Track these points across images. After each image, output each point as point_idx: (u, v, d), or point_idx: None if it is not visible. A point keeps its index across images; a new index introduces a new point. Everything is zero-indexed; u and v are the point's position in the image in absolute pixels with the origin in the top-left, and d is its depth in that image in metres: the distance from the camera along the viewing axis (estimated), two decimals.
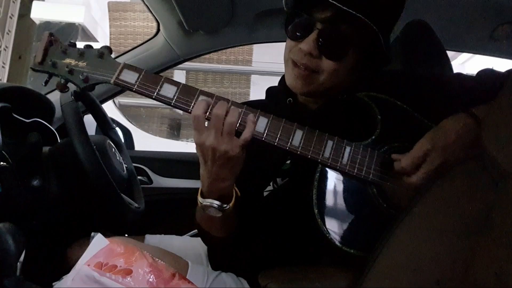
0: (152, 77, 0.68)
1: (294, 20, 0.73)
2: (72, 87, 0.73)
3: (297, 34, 0.72)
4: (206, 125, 0.65)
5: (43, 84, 0.74)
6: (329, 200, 0.67)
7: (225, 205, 0.68)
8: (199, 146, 0.65)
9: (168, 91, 0.67)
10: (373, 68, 0.77)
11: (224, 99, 0.68)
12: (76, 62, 0.70)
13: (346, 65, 0.72)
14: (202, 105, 0.64)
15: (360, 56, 0.73)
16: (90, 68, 0.69)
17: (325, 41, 0.69)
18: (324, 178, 0.68)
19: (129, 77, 0.68)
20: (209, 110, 0.65)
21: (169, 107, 0.69)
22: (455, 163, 0.63)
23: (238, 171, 0.67)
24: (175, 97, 0.67)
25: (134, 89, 0.68)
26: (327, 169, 0.68)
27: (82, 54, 0.70)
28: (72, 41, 0.74)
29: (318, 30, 0.69)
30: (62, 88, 0.71)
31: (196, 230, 1.22)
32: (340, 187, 0.69)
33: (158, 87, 0.67)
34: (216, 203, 0.68)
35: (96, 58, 0.70)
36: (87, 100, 1.01)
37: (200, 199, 0.69)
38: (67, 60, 0.70)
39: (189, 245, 0.97)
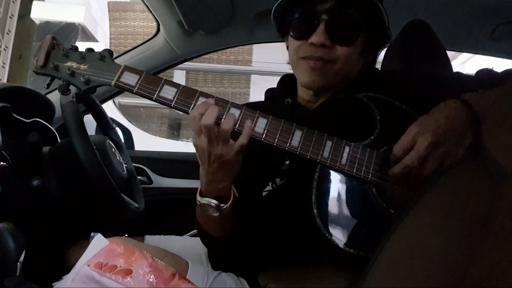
0: (152, 79, 0.69)
1: (296, 19, 0.73)
2: (73, 89, 0.74)
3: (304, 31, 0.72)
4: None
5: (45, 87, 0.76)
6: (329, 200, 0.67)
7: (222, 205, 0.69)
8: (196, 147, 0.66)
9: (168, 92, 0.68)
10: (378, 48, 0.79)
11: (224, 100, 0.68)
12: (78, 65, 0.71)
13: (357, 49, 0.74)
14: (200, 107, 0.65)
15: (368, 37, 0.74)
16: (91, 70, 0.70)
17: (335, 29, 0.70)
18: (323, 178, 0.68)
19: (130, 79, 0.69)
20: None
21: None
22: (447, 145, 0.63)
23: (236, 173, 0.68)
24: (175, 99, 0.68)
25: (134, 91, 0.69)
26: (326, 169, 0.68)
27: (83, 57, 0.72)
28: (72, 40, 0.75)
29: (325, 21, 0.70)
30: (64, 91, 0.73)
31: (196, 230, 1.22)
32: (340, 187, 0.69)
33: (158, 89, 0.68)
34: (213, 202, 0.69)
35: (97, 61, 0.71)
36: (87, 100, 1.01)
37: (198, 197, 0.70)
38: (69, 63, 0.71)
39: (189, 245, 0.97)
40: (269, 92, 0.90)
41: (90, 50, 0.72)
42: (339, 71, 0.74)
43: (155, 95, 0.68)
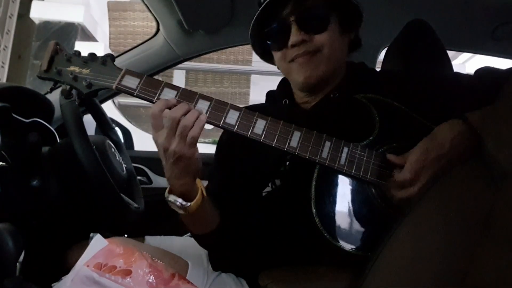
0: (152, 82, 0.70)
1: (270, 34, 0.79)
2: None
3: (281, 40, 0.77)
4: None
5: (49, 91, 0.77)
6: (327, 200, 0.67)
7: (184, 203, 0.69)
8: (155, 143, 0.67)
9: (168, 95, 0.69)
10: (355, 24, 0.81)
11: (223, 102, 0.69)
12: (80, 69, 0.72)
13: (334, 30, 0.77)
14: (160, 103, 0.66)
15: (340, 16, 0.77)
16: (93, 74, 0.72)
17: (306, 22, 0.75)
18: (322, 178, 0.68)
19: (131, 82, 0.70)
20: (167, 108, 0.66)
21: None
22: (449, 169, 0.62)
23: (195, 171, 0.68)
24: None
25: (135, 94, 0.70)
26: (325, 169, 0.68)
27: (86, 61, 0.73)
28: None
29: (294, 20, 0.75)
30: (67, 95, 0.75)
31: None
32: (338, 187, 0.69)
33: (159, 92, 0.69)
34: (177, 200, 0.69)
35: (99, 65, 0.72)
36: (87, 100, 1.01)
37: (166, 194, 0.71)
38: (72, 68, 0.73)
39: (189, 246, 0.97)
40: (269, 94, 0.92)
41: (92, 54, 0.74)
42: (329, 56, 0.76)
43: (155, 97, 0.69)
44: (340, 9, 0.77)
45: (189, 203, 0.69)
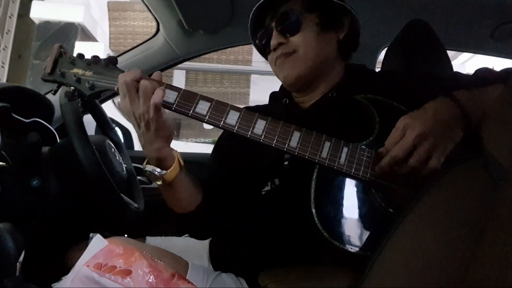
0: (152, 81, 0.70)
1: (260, 41, 0.85)
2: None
3: (268, 45, 0.82)
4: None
5: (52, 93, 0.79)
6: (327, 200, 0.67)
7: (160, 171, 0.71)
8: (124, 112, 0.70)
9: (169, 96, 0.70)
10: (341, 23, 0.83)
11: (223, 103, 0.70)
12: (83, 71, 0.74)
13: (312, 32, 0.80)
14: (130, 74, 0.68)
15: (322, 19, 0.80)
16: (96, 76, 0.73)
17: (282, 26, 0.80)
18: (322, 178, 0.68)
19: None
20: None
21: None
22: (434, 138, 0.63)
23: (166, 135, 0.70)
24: (176, 102, 0.70)
25: None
26: (325, 169, 0.68)
27: (89, 64, 0.74)
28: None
29: (274, 25, 0.80)
30: (71, 97, 0.77)
31: None
32: (338, 187, 0.69)
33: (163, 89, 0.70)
34: (155, 169, 0.71)
35: (101, 68, 0.74)
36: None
37: (143, 165, 0.74)
38: (75, 70, 0.74)
39: (190, 246, 0.97)
40: (271, 95, 0.95)
41: (95, 57, 0.75)
42: (305, 56, 0.79)
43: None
44: (321, 10, 0.80)
45: (165, 171, 0.71)
